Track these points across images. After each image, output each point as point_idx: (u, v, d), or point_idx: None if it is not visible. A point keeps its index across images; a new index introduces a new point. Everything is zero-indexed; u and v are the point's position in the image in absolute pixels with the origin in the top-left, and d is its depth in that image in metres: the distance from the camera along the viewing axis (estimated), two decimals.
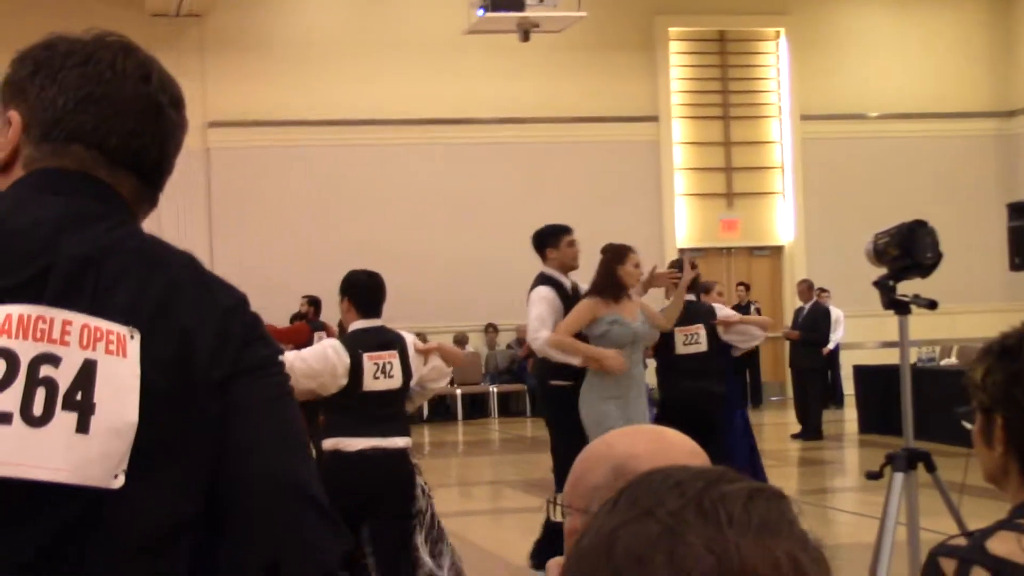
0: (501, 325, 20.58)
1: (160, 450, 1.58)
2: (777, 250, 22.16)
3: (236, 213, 20.01)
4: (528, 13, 15.01)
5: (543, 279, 7.98)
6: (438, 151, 20.62)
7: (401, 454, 6.23)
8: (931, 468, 5.22)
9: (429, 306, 19.12)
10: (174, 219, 19.89)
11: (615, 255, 7.91)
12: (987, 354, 2.23)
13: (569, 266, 8.07)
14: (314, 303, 16.93)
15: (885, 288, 5.60)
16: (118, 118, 1.72)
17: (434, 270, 19.98)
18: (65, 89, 1.72)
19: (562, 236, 8.16)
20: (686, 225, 21.85)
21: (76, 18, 19.83)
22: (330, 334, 15.45)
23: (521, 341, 20.45)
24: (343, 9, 20.63)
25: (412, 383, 6.39)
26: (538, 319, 7.68)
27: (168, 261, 1.68)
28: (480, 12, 14.96)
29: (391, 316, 8.67)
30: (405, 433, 6.33)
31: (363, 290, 6.50)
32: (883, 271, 5.65)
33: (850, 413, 17.41)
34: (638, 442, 1.82)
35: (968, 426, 2.27)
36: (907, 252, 5.60)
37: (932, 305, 5.60)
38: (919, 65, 22.23)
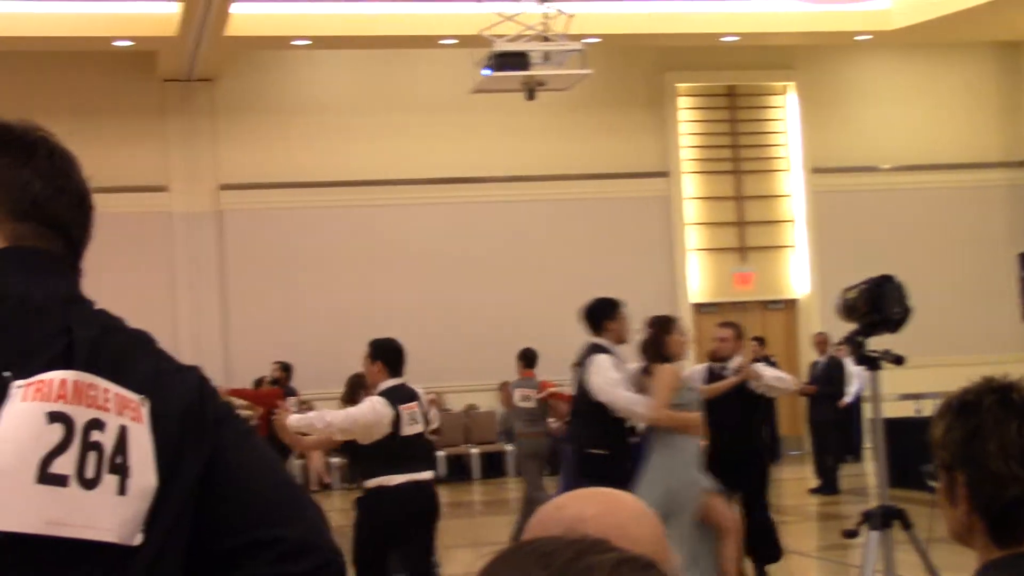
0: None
1: (164, 509, 1.71)
2: (791, 303, 22.11)
3: (249, 274, 20.04)
4: (533, 72, 15.05)
5: (599, 349, 8.20)
6: (448, 210, 20.66)
7: (429, 484, 7.71)
8: (907, 526, 5.21)
9: (442, 365, 19.08)
10: (188, 280, 19.94)
11: (663, 327, 8.20)
12: (947, 411, 2.15)
13: (623, 339, 8.42)
14: (286, 368, 17.50)
15: (855, 344, 5.57)
16: (78, 211, 1.87)
17: (447, 329, 19.96)
18: (40, 176, 1.84)
19: (619, 308, 8.53)
20: (699, 280, 21.84)
21: (90, 82, 20.01)
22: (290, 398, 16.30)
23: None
24: (352, 71, 20.76)
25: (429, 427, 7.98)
26: (616, 383, 7.95)
27: (142, 339, 1.82)
28: (485, 72, 15.02)
29: (406, 375, 8.74)
30: (431, 467, 7.86)
31: (394, 354, 8.01)
32: (853, 326, 5.61)
33: (869, 467, 17.26)
34: (588, 505, 1.76)
35: (933, 484, 2.19)
36: (875, 307, 5.56)
37: (898, 360, 5.56)
38: (929, 117, 22.26)
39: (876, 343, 5.64)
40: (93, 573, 1.64)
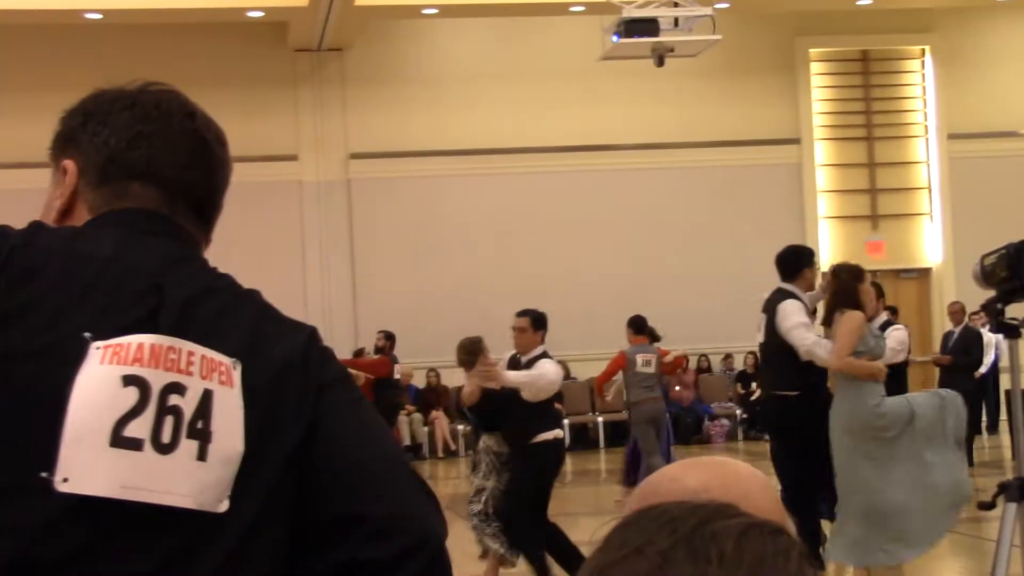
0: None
1: (256, 478, 1.65)
2: (925, 272, 21.67)
3: (377, 242, 20.25)
4: (663, 38, 14.89)
5: (788, 294, 8.34)
6: (576, 179, 20.62)
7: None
8: None
9: (568, 334, 19.04)
10: (317, 247, 20.20)
11: (855, 275, 8.14)
12: None
13: (812, 287, 8.63)
14: (389, 337, 17.76)
15: (993, 311, 5.40)
16: (168, 152, 1.79)
17: (573, 298, 19.94)
18: (116, 131, 1.79)
19: (814, 258, 8.71)
20: (830, 248, 21.50)
21: (222, 53, 20.34)
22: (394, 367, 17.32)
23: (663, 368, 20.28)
24: (480, 40, 20.78)
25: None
26: (804, 327, 8.12)
27: (247, 300, 1.76)
28: (615, 38, 14.90)
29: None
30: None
31: (546, 324, 8.95)
32: (991, 293, 5.44)
33: (1005, 439, 16.89)
34: (707, 476, 1.63)
35: None
36: (1016, 273, 5.37)
37: None
38: None
39: (1016, 310, 5.48)
40: (177, 540, 1.60)
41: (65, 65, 19.27)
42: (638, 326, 13.52)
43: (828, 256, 21.41)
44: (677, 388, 19.62)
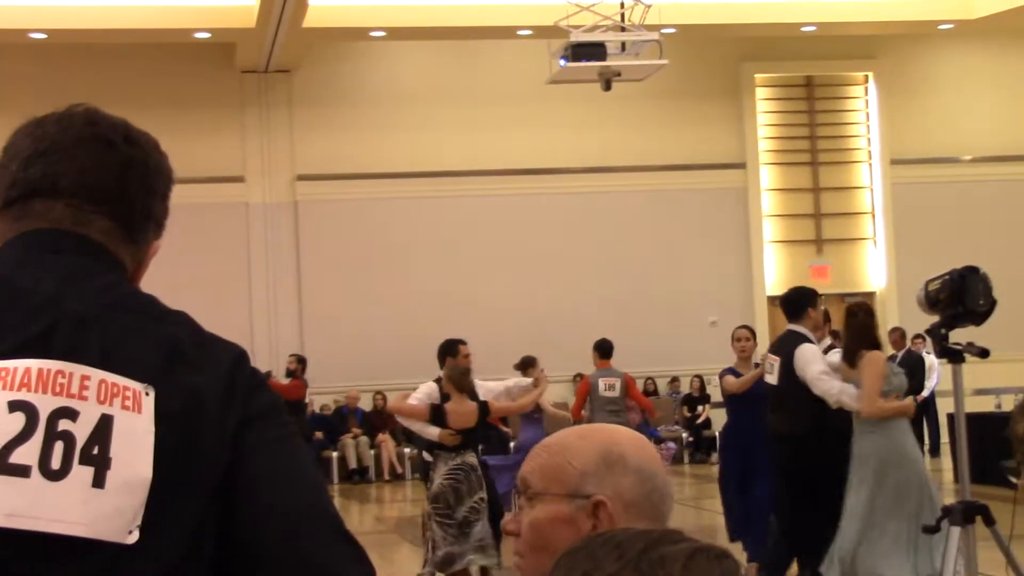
0: (587, 374, 20.45)
1: (172, 508, 1.58)
2: (869, 296, 21.85)
3: (324, 264, 20.18)
4: (610, 63, 14.98)
5: (801, 337, 8.56)
6: (522, 201, 20.67)
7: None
8: (989, 522, 5.11)
9: (514, 356, 19.07)
10: (263, 269, 20.11)
11: (871, 313, 8.44)
12: None
13: (819, 327, 8.84)
14: (301, 361, 17.70)
15: (937, 336, 5.49)
16: (64, 160, 1.73)
17: (520, 321, 19.96)
18: (17, 155, 1.75)
19: (819, 298, 8.92)
20: (775, 272, 21.66)
21: (169, 74, 20.24)
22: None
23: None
24: (427, 62, 20.81)
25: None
26: (828, 375, 8.22)
27: (167, 319, 1.68)
28: (562, 62, 14.98)
29: (478, 366, 9.03)
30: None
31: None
32: (935, 318, 5.53)
33: (947, 462, 17.01)
34: (613, 433, 2.00)
35: (1014, 480, 2.15)
36: (959, 299, 5.46)
37: (983, 354, 5.47)
38: (1011, 107, 21.89)
39: (959, 335, 5.55)
40: (81, 573, 1.53)
41: (9, 85, 19.10)
42: (603, 350, 13.51)
43: (773, 280, 21.58)
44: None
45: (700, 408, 20.44)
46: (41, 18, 17.31)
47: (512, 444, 15.34)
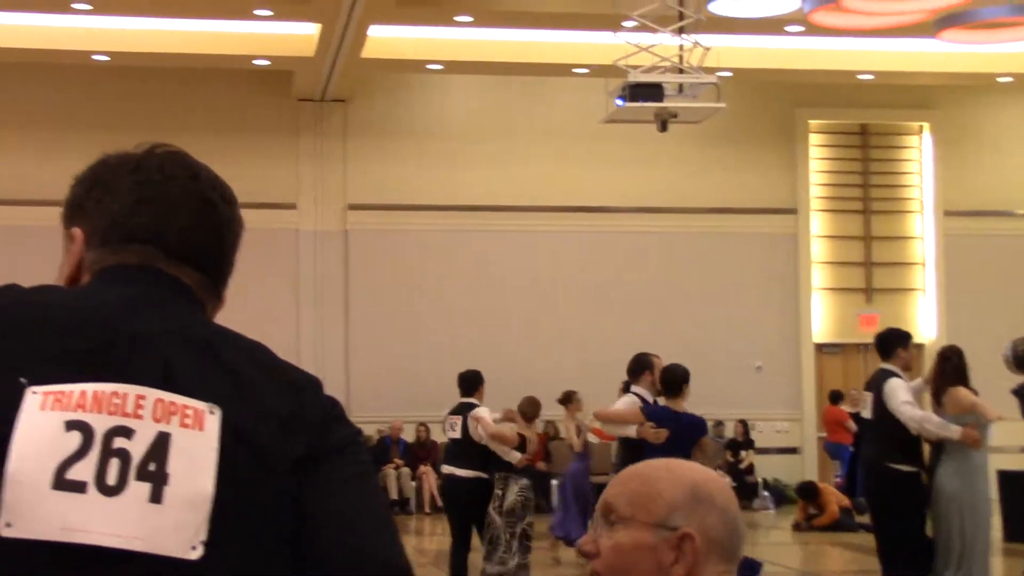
0: None
1: (241, 525, 1.60)
2: (918, 348, 21.67)
3: (372, 294, 20.25)
4: (667, 104, 14.99)
5: (890, 373, 9.20)
6: (573, 239, 20.67)
7: (467, 480, 10.69)
8: None
9: (558, 391, 19.04)
10: (312, 297, 20.20)
11: (962, 356, 9.24)
12: None
13: (909, 367, 9.47)
14: None
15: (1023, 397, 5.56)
16: (172, 215, 1.79)
17: (565, 357, 19.93)
18: (118, 197, 1.80)
19: (909, 340, 9.54)
20: (823, 319, 21.53)
21: (226, 102, 20.44)
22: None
23: None
24: (483, 96, 20.90)
25: (476, 438, 10.60)
26: (911, 405, 8.99)
27: (239, 346, 1.72)
28: (619, 102, 14.99)
29: (521, 396, 9.25)
30: (470, 468, 10.66)
31: (459, 379, 11.37)
32: (1022, 378, 5.59)
33: (995, 520, 16.78)
34: (701, 470, 2.10)
35: None
36: None
37: None
38: None
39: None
40: None
41: (73, 105, 19.38)
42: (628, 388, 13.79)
43: (820, 327, 21.44)
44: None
45: (743, 453, 20.29)
46: (105, 41, 17.53)
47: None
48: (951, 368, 9.07)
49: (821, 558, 13.67)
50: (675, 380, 9.15)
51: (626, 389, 9.90)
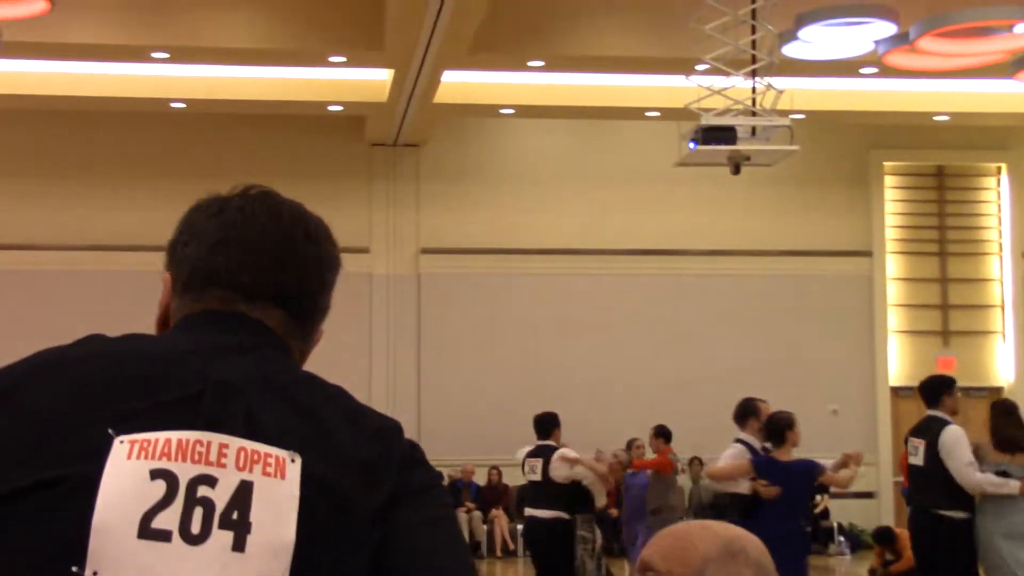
0: (706, 459, 20.26)
1: (320, 573, 1.60)
2: (996, 391, 21.33)
3: (443, 337, 20.30)
4: (740, 147, 14.93)
5: (943, 422, 9.22)
6: (646, 282, 20.62)
7: (548, 522, 10.78)
8: None
9: (630, 434, 18.96)
10: (384, 341, 20.29)
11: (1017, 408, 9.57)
12: None
13: (955, 412, 9.47)
14: None
15: None
16: (250, 255, 1.80)
17: (638, 400, 19.84)
18: (201, 240, 1.82)
19: (954, 386, 9.59)
20: (898, 362, 21.28)
21: (300, 148, 20.64)
22: None
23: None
24: (555, 140, 20.96)
25: (559, 479, 10.73)
26: (973, 466, 9.04)
27: (320, 392, 1.72)
28: (692, 145, 14.96)
29: (593, 439, 9.24)
30: (551, 509, 10.76)
31: (535, 422, 11.46)
32: None
33: None
34: (735, 528, 2.14)
35: None
36: None
37: None
38: None
39: None
40: None
41: (151, 153, 19.69)
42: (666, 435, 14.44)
43: (896, 370, 21.18)
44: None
45: (819, 498, 20.03)
46: (182, 88, 17.81)
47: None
48: (1013, 425, 9.23)
49: None
50: (777, 428, 9.09)
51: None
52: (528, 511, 10.96)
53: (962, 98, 19.02)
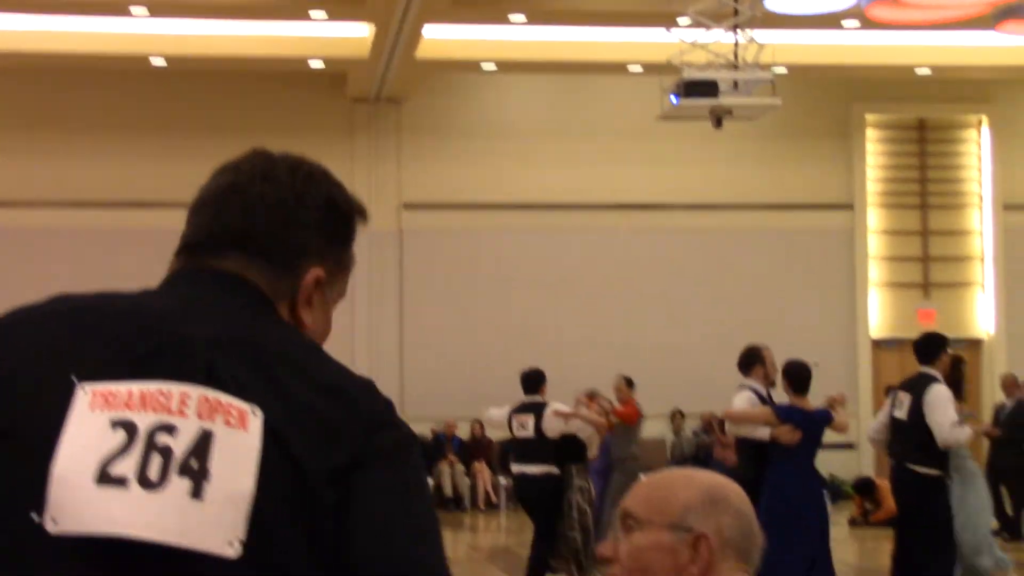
0: (687, 411, 20.38)
1: (277, 528, 1.59)
2: (976, 343, 21.49)
3: (425, 292, 20.33)
4: (722, 100, 14.94)
5: (936, 379, 9.30)
6: (628, 236, 20.65)
7: (539, 477, 10.69)
8: None
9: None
10: (366, 298, 20.31)
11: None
12: None
13: (946, 372, 9.55)
14: None
15: None
16: (207, 208, 1.80)
17: (619, 354, 19.91)
18: (200, 205, 1.83)
19: (948, 344, 9.67)
20: (880, 315, 21.39)
21: (281, 104, 20.59)
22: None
23: (708, 428, 20.18)
24: (537, 95, 20.92)
25: (552, 434, 10.65)
26: (955, 422, 9.08)
27: (286, 349, 1.70)
28: (674, 99, 14.97)
29: (576, 393, 9.32)
30: (541, 464, 10.68)
31: (522, 379, 11.27)
32: None
33: None
34: (718, 476, 2.16)
35: None
36: None
37: None
38: None
39: None
40: None
41: (130, 109, 19.59)
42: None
43: (877, 323, 21.30)
44: (719, 448, 19.53)
45: None
46: (161, 44, 17.72)
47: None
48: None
49: (878, 554, 13.59)
50: (803, 377, 9.13)
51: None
52: (518, 468, 10.93)
53: (944, 51, 19.03)
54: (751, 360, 9.51)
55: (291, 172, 1.83)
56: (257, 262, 1.77)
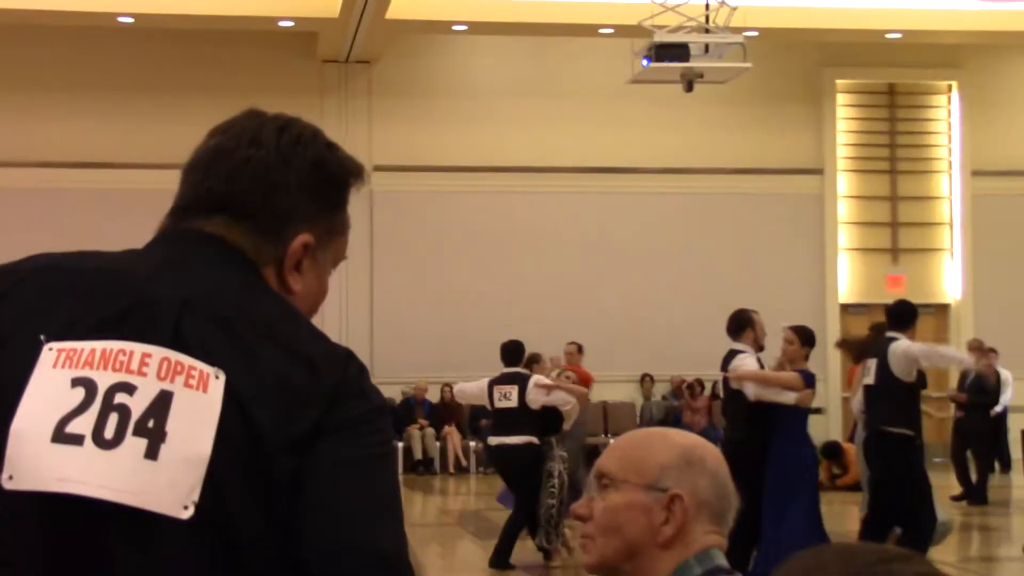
0: (656, 376, 20.44)
1: (234, 493, 1.58)
2: (943, 308, 21.62)
3: (396, 255, 20.28)
4: (693, 64, 14.93)
5: (896, 339, 9.45)
6: (599, 200, 20.64)
7: (519, 447, 10.60)
8: None
9: (594, 353, 19.11)
10: None
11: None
12: None
13: (913, 338, 9.68)
14: None
15: None
16: (195, 172, 1.78)
17: (590, 318, 19.94)
18: (189, 168, 1.82)
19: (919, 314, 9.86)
20: (848, 280, 21.48)
21: (250, 64, 20.46)
22: None
23: (677, 392, 20.25)
24: (508, 57, 20.84)
25: (535, 406, 10.62)
26: (930, 346, 9.89)
27: (257, 313, 1.68)
28: (645, 62, 14.94)
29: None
30: (521, 434, 10.60)
31: (503, 351, 11.03)
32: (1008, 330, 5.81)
33: (1018, 479, 16.82)
34: (694, 437, 2.16)
35: None
36: None
37: None
38: None
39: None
40: (133, 543, 1.56)
41: (97, 67, 19.40)
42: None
43: (846, 288, 21.40)
44: (689, 412, 19.64)
45: None
46: (130, 2, 17.54)
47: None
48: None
49: (844, 518, 13.69)
50: (812, 341, 9.50)
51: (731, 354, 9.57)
52: (497, 439, 10.84)
53: (914, 15, 19.04)
54: (742, 324, 9.54)
55: (278, 134, 1.81)
56: (242, 225, 1.75)
